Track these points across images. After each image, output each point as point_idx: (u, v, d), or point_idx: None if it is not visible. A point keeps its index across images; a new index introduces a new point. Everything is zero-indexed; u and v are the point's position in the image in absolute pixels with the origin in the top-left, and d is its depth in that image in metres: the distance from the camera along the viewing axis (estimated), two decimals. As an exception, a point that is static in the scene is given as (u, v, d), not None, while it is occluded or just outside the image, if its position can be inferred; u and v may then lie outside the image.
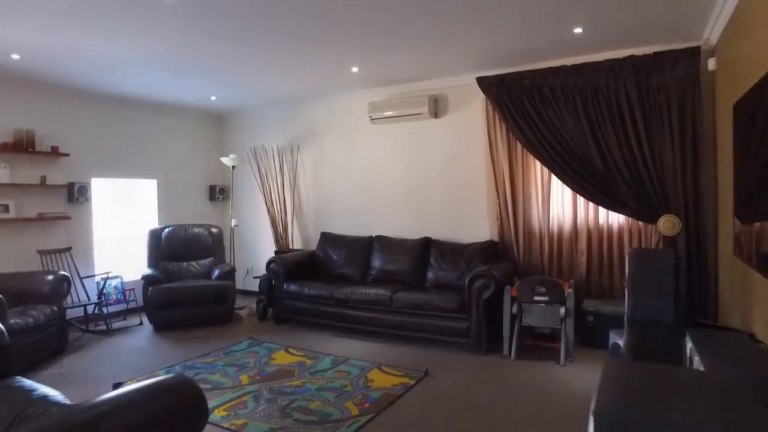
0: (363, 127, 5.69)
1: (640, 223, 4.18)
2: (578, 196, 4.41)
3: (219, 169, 6.82)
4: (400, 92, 5.36)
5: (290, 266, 5.29)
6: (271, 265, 5.29)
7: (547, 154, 4.35)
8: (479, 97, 4.84)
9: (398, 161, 5.50)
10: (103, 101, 5.55)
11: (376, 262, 5.23)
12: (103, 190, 5.71)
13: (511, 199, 4.70)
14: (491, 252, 4.71)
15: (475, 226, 5.00)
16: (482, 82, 4.63)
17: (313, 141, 6.13)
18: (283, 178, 6.27)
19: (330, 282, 5.10)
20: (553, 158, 4.32)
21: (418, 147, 5.36)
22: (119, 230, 5.90)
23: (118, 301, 5.46)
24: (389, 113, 5.28)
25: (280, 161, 6.31)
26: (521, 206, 4.67)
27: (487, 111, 4.82)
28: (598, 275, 4.38)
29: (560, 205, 4.57)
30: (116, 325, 5.28)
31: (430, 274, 4.90)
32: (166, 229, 5.75)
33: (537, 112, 4.38)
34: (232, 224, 6.09)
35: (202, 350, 4.39)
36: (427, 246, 5.05)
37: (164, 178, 6.27)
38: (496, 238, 4.83)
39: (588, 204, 4.40)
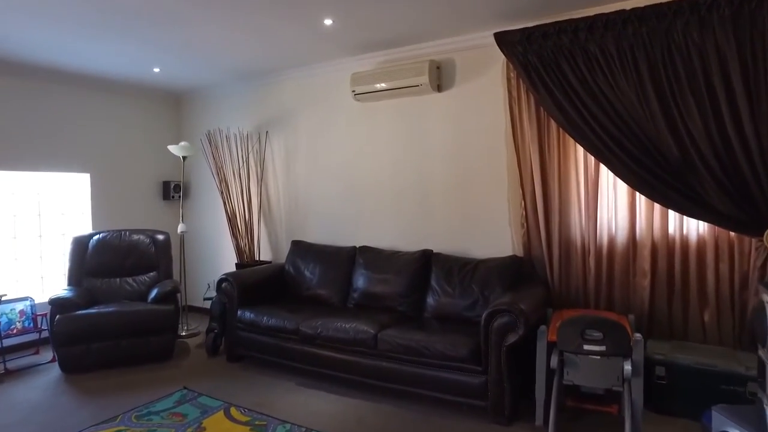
0: (345, 106, 4.43)
1: (731, 234, 2.92)
2: (638, 195, 3.16)
3: (175, 161, 5.57)
4: (391, 59, 4.10)
5: (247, 286, 4.04)
6: (223, 285, 4.04)
7: (595, 137, 3.08)
8: (498, 62, 3.59)
9: (390, 149, 4.24)
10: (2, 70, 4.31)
11: (360, 282, 3.97)
12: (10, 188, 4.48)
13: (542, 200, 3.43)
14: (514, 272, 3.44)
15: (492, 235, 3.73)
16: (503, 39, 3.36)
17: (285, 125, 4.87)
18: (248, 171, 5.02)
19: (298, 308, 3.84)
20: (603, 143, 3.06)
21: (415, 130, 4.10)
22: (32, 239, 4.66)
23: (25, 331, 4.22)
24: (378, 86, 4.01)
25: (245, 151, 5.05)
26: (556, 209, 3.41)
27: (508, 80, 3.55)
28: (666, 307, 3.10)
29: (611, 208, 3.30)
30: (19, 362, 4.04)
31: (430, 301, 3.64)
32: (96, 237, 4.51)
33: (580, 79, 3.11)
34: (179, 230, 4.84)
35: (115, 408, 3.15)
36: (426, 262, 3.79)
37: (101, 173, 5.03)
38: (520, 253, 3.56)
39: (653, 207, 3.13)
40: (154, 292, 4.17)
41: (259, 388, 3.47)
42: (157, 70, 4.53)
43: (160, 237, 4.67)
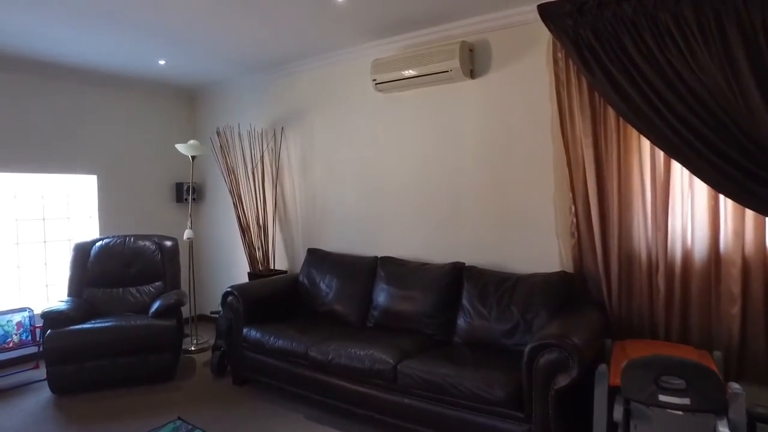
0: (366, 98, 3.94)
1: None
2: (722, 198, 2.52)
3: (189, 162, 5.23)
4: (416, 42, 3.58)
5: (255, 300, 3.61)
6: (228, 299, 3.62)
7: (666, 127, 2.47)
8: (542, 40, 3.02)
9: (416, 146, 3.72)
10: (2, 65, 4.03)
11: (381, 298, 3.47)
12: (12, 191, 4.22)
13: (596, 205, 2.84)
14: (562, 291, 2.86)
15: (536, 246, 3.16)
16: (549, 12, 2.78)
17: (301, 121, 4.43)
18: (262, 172, 4.60)
19: (310, 328, 3.38)
20: (677, 134, 2.44)
21: (445, 124, 3.56)
22: (36, 245, 4.38)
23: (22, 344, 3.93)
24: (401, 74, 3.50)
25: (259, 149, 4.64)
26: (614, 216, 2.81)
27: (555, 61, 2.97)
28: (764, 342, 2.46)
29: (686, 215, 2.66)
30: (12, 379, 3.74)
31: (461, 323, 3.10)
32: (99, 243, 4.18)
33: (647, 56, 2.51)
34: (186, 236, 4.45)
35: (96, 442, 2.77)
36: (457, 277, 3.25)
37: (109, 174, 4.72)
38: (569, 268, 2.98)
39: (743, 214, 2.48)
40: (155, 305, 3.79)
41: (263, 421, 3.02)
42: (162, 62, 4.17)
43: (168, 243, 4.30)
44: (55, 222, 4.49)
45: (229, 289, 3.61)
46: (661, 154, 2.65)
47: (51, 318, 3.48)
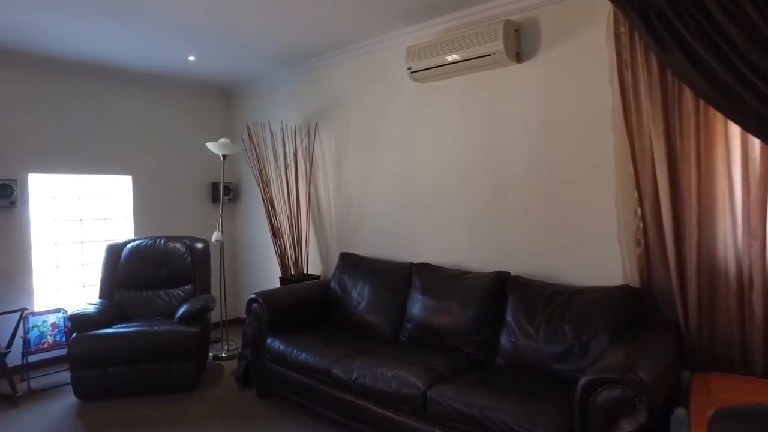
0: (401, 89, 3.61)
1: None
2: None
3: (227, 161, 5.10)
4: (454, 25, 3.21)
5: (280, 308, 3.37)
6: (253, 306, 3.40)
7: (764, 107, 1.97)
8: (600, 14, 2.57)
9: (455, 141, 3.34)
10: (38, 66, 4.02)
11: (416, 309, 3.13)
12: (51, 191, 4.22)
13: (669, 206, 2.36)
14: (626, 309, 2.40)
15: (593, 255, 2.71)
16: (610, -23, 2.34)
17: (335, 115, 4.16)
18: (296, 170, 4.37)
19: (337, 340, 3.09)
20: (779, 117, 1.94)
21: (488, 115, 3.17)
22: (74, 246, 4.37)
23: (56, 345, 3.90)
24: (439, 60, 3.14)
25: (293, 147, 4.42)
26: (692, 220, 2.31)
27: (617, 37, 2.51)
28: None
29: (788, 220, 2.14)
30: (44, 381, 3.71)
31: (505, 342, 2.70)
32: (130, 244, 4.11)
33: (740, 19, 2.01)
34: (214, 239, 4.29)
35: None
36: (501, 288, 2.85)
37: (143, 174, 4.66)
38: (635, 282, 2.50)
39: None
40: (180, 311, 3.64)
41: (282, 443, 2.77)
42: (191, 58, 4.03)
43: (199, 245, 4.16)
44: (92, 222, 4.47)
45: (253, 296, 3.38)
46: (756, 143, 2.15)
47: (77, 321, 3.40)
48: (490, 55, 2.91)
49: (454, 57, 3.06)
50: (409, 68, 3.31)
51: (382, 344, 3.04)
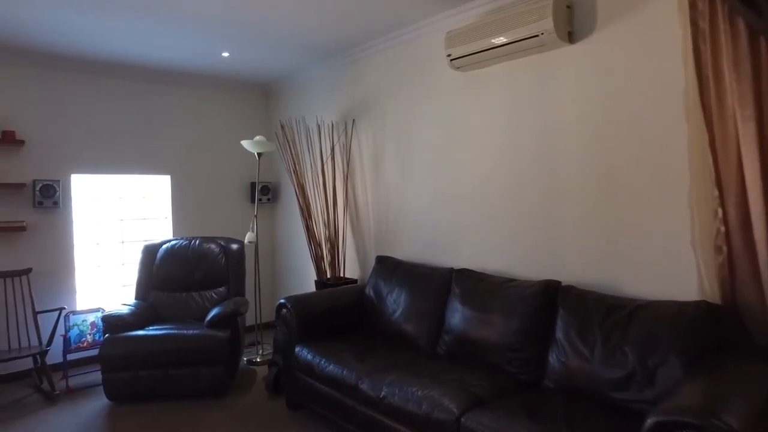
0: (441, 78, 3.33)
1: None
2: None
3: (266, 160, 5.01)
4: (497, 6, 2.89)
5: (311, 314, 3.18)
6: (282, 311, 3.23)
7: None
8: (673, -21, 2.19)
9: (499, 135, 3.02)
10: (77, 68, 4.05)
11: (455, 320, 2.84)
12: (93, 191, 4.26)
13: (760, 205, 1.94)
14: (703, 330, 2.00)
15: (661, 263, 2.32)
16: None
17: (373, 112, 3.93)
18: (333, 169, 4.18)
19: (369, 352, 2.85)
20: None
21: (537, 106, 2.82)
22: (114, 245, 4.39)
23: (95, 344, 3.91)
24: (481, 45, 2.84)
25: (330, 144, 4.24)
26: (790, 224, 1.89)
27: (691, 6, 2.12)
28: None
29: None
30: (83, 379, 3.72)
31: (553, 361, 2.36)
32: (165, 245, 4.07)
33: None
34: (247, 240, 4.17)
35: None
36: (551, 299, 2.51)
37: (182, 174, 4.63)
38: (715, 297, 2.09)
39: None
40: (210, 314, 3.53)
41: (306, 461, 2.57)
42: (225, 54, 3.93)
43: (234, 246, 4.06)
44: (132, 222, 4.49)
45: (282, 301, 3.22)
46: None
47: (109, 322, 3.37)
48: (537, 36, 2.58)
49: (498, 40, 2.74)
50: (449, 55, 3.03)
51: (417, 358, 2.77)
